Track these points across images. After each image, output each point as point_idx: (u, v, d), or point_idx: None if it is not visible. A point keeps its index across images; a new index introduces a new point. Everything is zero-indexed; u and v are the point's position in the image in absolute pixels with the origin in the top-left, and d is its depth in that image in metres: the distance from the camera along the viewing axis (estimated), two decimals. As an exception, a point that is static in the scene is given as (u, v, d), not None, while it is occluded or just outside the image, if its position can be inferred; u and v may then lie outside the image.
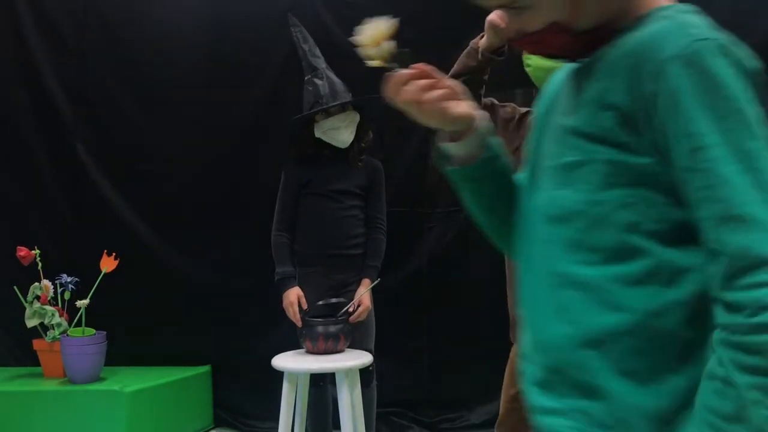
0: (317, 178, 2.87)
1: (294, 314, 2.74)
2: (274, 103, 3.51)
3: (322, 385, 2.81)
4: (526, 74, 3.63)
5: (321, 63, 2.91)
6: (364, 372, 2.75)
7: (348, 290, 2.83)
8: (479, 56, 2.13)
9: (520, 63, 3.14)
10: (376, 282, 2.83)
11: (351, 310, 2.72)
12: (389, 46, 1.15)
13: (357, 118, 2.86)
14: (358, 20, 3.47)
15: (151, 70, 3.59)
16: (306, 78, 2.90)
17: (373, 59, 1.14)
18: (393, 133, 3.41)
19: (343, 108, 2.82)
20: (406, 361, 3.56)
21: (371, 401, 2.90)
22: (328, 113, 2.83)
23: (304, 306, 2.75)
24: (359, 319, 2.75)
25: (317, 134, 2.85)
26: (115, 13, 3.56)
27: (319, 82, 2.85)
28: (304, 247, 2.89)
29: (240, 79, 3.57)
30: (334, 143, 2.85)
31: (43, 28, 3.54)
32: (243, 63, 3.58)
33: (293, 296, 2.78)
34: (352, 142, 2.87)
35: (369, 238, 2.90)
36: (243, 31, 3.57)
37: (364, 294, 2.78)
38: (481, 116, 1.06)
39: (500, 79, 3.58)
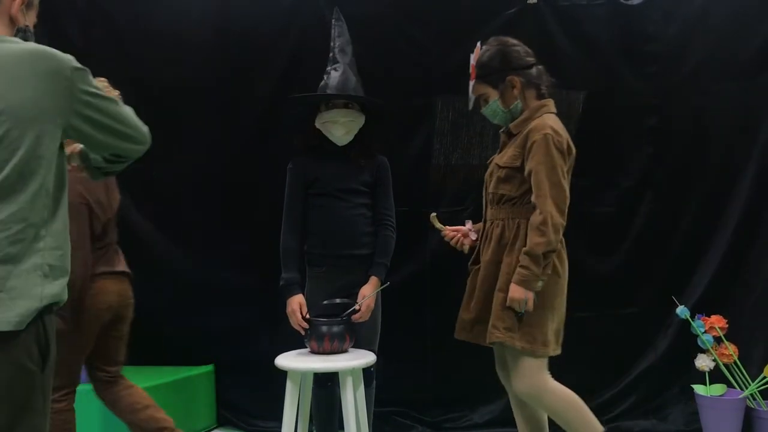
0: (322, 177, 2.84)
1: (296, 322, 2.73)
2: (278, 102, 3.51)
3: (330, 385, 2.81)
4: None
5: (345, 59, 2.88)
6: (366, 371, 2.75)
7: (358, 291, 2.79)
8: None
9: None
10: (385, 285, 2.82)
11: (356, 308, 2.71)
12: None
13: (360, 120, 2.83)
14: (358, 21, 3.49)
15: (155, 70, 3.60)
16: (326, 69, 2.89)
17: None
18: (396, 133, 3.42)
19: (345, 104, 2.80)
20: (409, 360, 3.56)
21: (370, 401, 2.90)
22: (330, 105, 2.82)
23: (305, 313, 2.73)
24: (362, 319, 2.75)
25: (317, 124, 2.82)
26: (120, 13, 3.57)
27: (334, 73, 2.83)
28: (312, 247, 2.87)
29: (244, 79, 3.58)
30: (330, 137, 2.83)
31: (48, 28, 3.54)
32: (247, 63, 3.58)
33: (295, 304, 2.75)
34: (355, 141, 2.86)
35: (378, 235, 2.87)
36: (247, 31, 3.58)
37: (370, 295, 2.77)
38: None
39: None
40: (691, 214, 3.67)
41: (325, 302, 2.72)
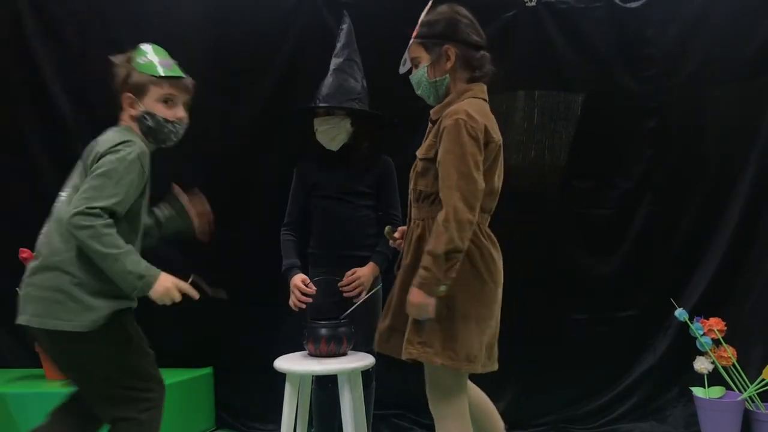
0: (324, 180, 2.87)
1: (296, 294, 2.77)
2: (276, 104, 3.51)
3: (330, 386, 2.81)
4: (528, 78, 3.61)
5: (335, 63, 2.90)
6: (364, 373, 2.75)
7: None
8: None
9: (522, 66, 3.16)
10: (376, 289, 2.83)
11: (350, 297, 2.76)
12: None
13: (345, 125, 2.83)
14: (358, 21, 3.48)
15: (153, 72, 3.59)
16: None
17: None
18: (392, 135, 3.41)
19: (327, 111, 2.82)
20: (407, 363, 3.55)
21: (369, 402, 2.90)
22: (317, 113, 2.84)
23: (309, 283, 2.77)
24: (353, 295, 2.78)
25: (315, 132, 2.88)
26: (117, 14, 3.56)
27: (324, 81, 2.87)
28: (315, 248, 2.90)
29: (242, 80, 3.58)
30: (322, 143, 2.87)
31: (44, 29, 3.55)
32: (245, 65, 3.58)
33: (297, 280, 2.80)
34: (351, 146, 2.87)
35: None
36: (245, 33, 3.58)
37: (363, 291, 2.79)
38: None
39: (503, 82, 3.60)
40: (690, 216, 3.67)
41: (316, 278, 2.78)
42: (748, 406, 3.34)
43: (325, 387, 2.85)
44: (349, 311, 2.67)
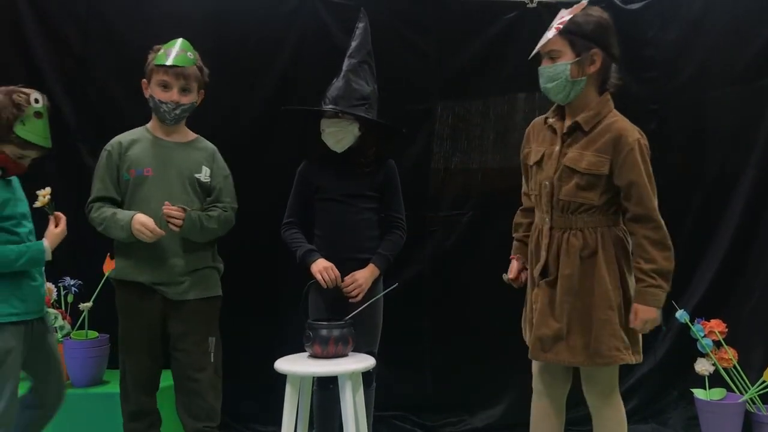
0: (328, 182, 2.87)
1: (336, 277, 2.75)
2: (277, 105, 3.50)
3: (332, 387, 2.80)
4: (529, 80, 3.59)
5: (349, 64, 2.87)
6: (365, 374, 2.74)
7: (365, 296, 2.81)
8: None
9: (523, 68, 3.16)
10: (393, 287, 2.82)
11: (352, 294, 2.77)
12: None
13: (352, 128, 2.82)
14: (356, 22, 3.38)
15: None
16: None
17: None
18: (395, 137, 3.41)
19: (335, 113, 2.82)
20: (408, 364, 3.56)
21: (370, 402, 2.90)
22: (323, 114, 2.84)
23: (338, 275, 2.76)
24: (353, 297, 2.77)
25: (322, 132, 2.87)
26: (118, 15, 3.56)
27: (335, 82, 2.86)
28: (318, 250, 2.88)
29: (243, 81, 3.58)
30: (328, 144, 2.86)
31: (45, 31, 3.54)
32: (246, 66, 3.58)
33: (325, 262, 2.78)
34: (356, 149, 2.86)
35: (386, 234, 2.90)
36: (246, 35, 3.58)
37: (362, 293, 2.79)
38: None
39: (504, 84, 3.61)
40: (691, 218, 3.68)
41: (312, 281, 2.78)
42: (749, 408, 3.34)
43: (326, 388, 2.84)
44: (356, 311, 2.67)
